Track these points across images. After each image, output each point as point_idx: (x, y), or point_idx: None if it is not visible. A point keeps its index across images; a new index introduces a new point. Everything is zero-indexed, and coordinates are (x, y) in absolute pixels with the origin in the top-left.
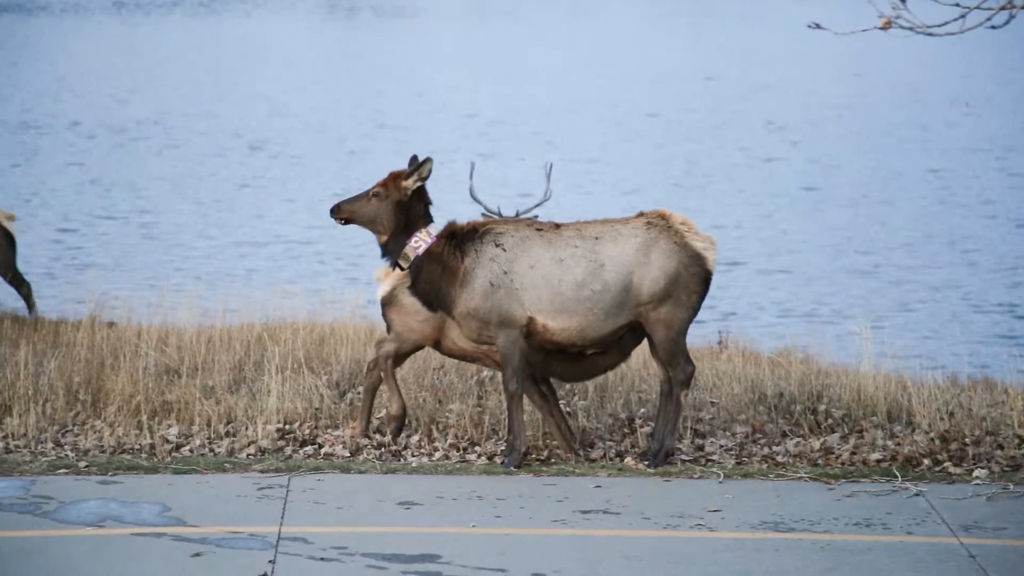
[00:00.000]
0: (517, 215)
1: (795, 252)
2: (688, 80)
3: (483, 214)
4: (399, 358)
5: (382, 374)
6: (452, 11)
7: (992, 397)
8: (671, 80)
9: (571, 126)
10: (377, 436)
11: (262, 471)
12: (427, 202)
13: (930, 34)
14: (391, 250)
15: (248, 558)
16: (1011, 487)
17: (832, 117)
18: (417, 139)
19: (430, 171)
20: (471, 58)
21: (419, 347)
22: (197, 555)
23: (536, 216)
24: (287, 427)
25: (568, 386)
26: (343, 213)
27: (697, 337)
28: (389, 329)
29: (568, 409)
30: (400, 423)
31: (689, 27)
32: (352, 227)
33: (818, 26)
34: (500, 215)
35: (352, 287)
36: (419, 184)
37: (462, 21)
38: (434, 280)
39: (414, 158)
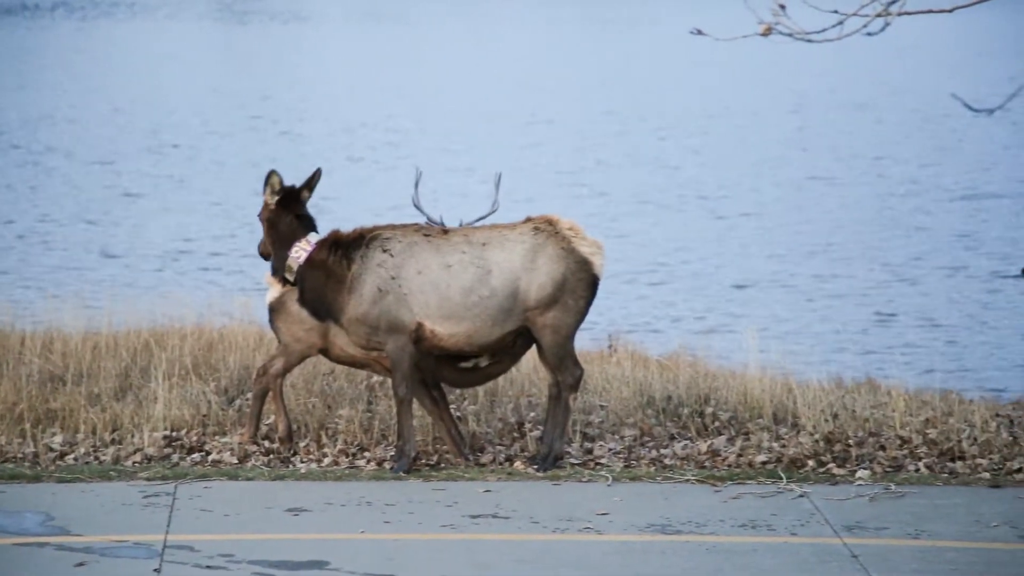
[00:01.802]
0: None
1: (682, 258)
2: (580, 86)
3: (427, 223)
4: (288, 372)
5: (271, 393)
6: (347, 15)
7: (875, 398)
8: (563, 87)
9: (460, 132)
10: (266, 443)
11: (148, 479)
12: (298, 214)
13: (809, 40)
14: (277, 266)
15: (133, 567)
16: (893, 487)
17: (721, 123)
18: (302, 147)
19: (280, 183)
20: (362, 63)
21: (305, 357)
22: (81, 564)
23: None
24: (174, 434)
25: (458, 391)
26: (262, 248)
27: (587, 341)
28: (278, 339)
29: (458, 414)
30: (291, 442)
31: (579, 33)
32: (245, 235)
33: (700, 32)
34: (442, 224)
35: (241, 293)
36: (277, 197)
37: (356, 26)
38: (319, 288)
39: (272, 171)
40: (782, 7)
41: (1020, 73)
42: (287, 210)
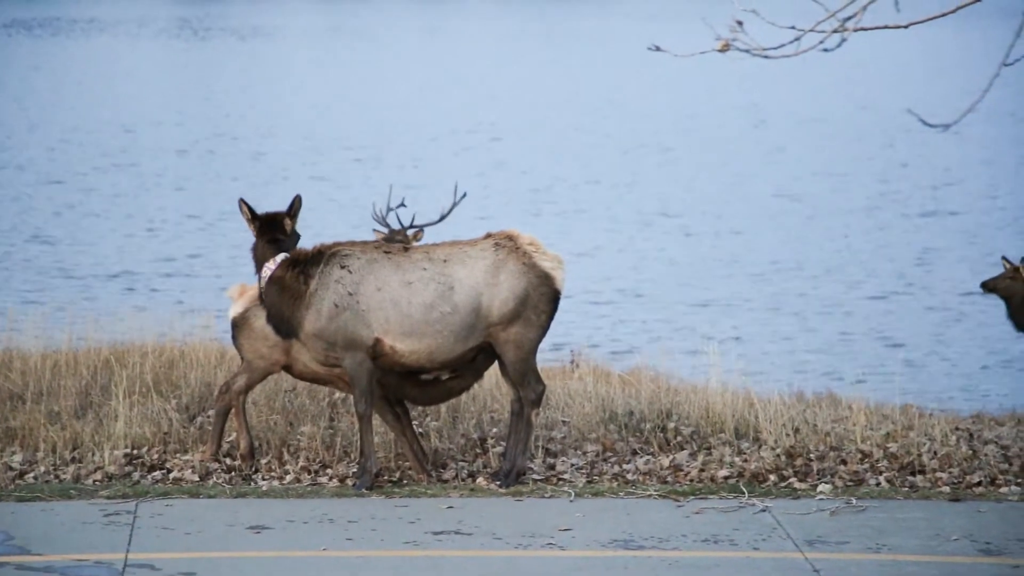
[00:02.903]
0: (403, 229)
1: (644, 273)
2: (545, 103)
3: (375, 231)
4: (250, 389)
5: (233, 411)
6: (308, 31)
7: (836, 413)
8: (527, 103)
9: (417, 149)
10: (227, 460)
11: (109, 497)
12: (278, 237)
13: (766, 56)
14: (258, 284)
15: None
16: (854, 501)
17: (685, 140)
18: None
19: (249, 211)
20: (325, 79)
21: (268, 374)
22: None
23: (421, 231)
24: (135, 452)
25: (421, 407)
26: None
27: (549, 356)
28: (241, 355)
29: (421, 430)
30: (252, 459)
31: (541, 49)
32: (209, 252)
33: (658, 48)
34: (404, 229)
35: (202, 311)
36: (257, 223)
37: (318, 41)
38: (278, 304)
39: (240, 200)
40: (740, 24)
41: (977, 88)
42: (263, 234)
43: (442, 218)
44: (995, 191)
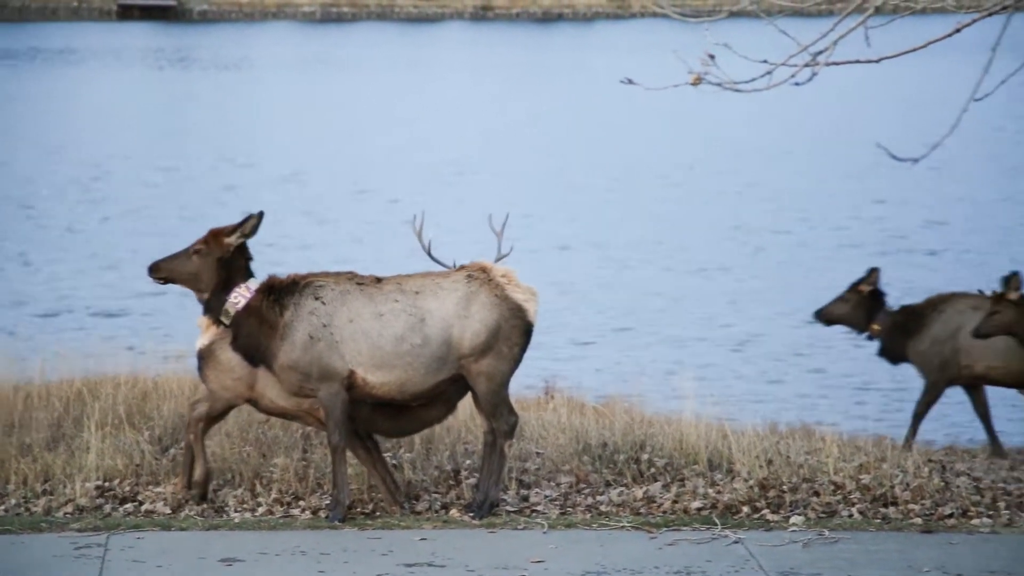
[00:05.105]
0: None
1: (617, 305)
2: (521, 135)
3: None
4: (212, 419)
5: (191, 436)
6: (284, 62)
7: (810, 444)
8: (502, 134)
9: (385, 182)
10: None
11: (80, 530)
12: (248, 258)
13: (738, 90)
14: (212, 307)
15: None
16: (826, 533)
17: (659, 173)
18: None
19: (254, 228)
20: (300, 110)
21: (231, 407)
22: None
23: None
24: (107, 484)
25: (395, 439)
26: (162, 272)
27: (523, 387)
28: (206, 386)
29: (394, 461)
30: (203, 489)
31: (517, 80)
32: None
33: (631, 81)
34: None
35: (174, 341)
36: (242, 241)
37: (295, 72)
38: (254, 334)
39: (253, 216)
40: (712, 57)
41: (946, 123)
42: (240, 254)
43: (502, 256)
44: (974, 227)
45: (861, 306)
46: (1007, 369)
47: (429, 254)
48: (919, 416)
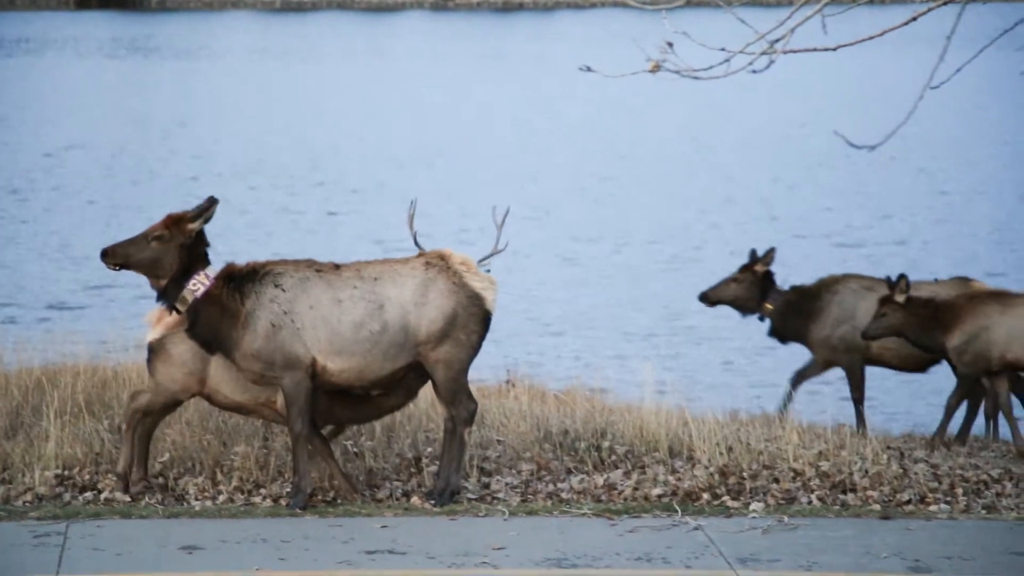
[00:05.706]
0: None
1: (578, 292)
2: (486, 125)
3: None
4: (151, 413)
5: (123, 425)
6: (244, 52)
7: (770, 431)
8: (468, 125)
9: (348, 169)
10: (159, 479)
11: (39, 518)
12: (206, 244)
13: (696, 77)
14: (169, 294)
15: None
16: (786, 519)
17: (624, 162)
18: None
19: (213, 213)
20: (263, 101)
21: (177, 402)
22: None
23: (488, 268)
24: (66, 473)
25: (355, 426)
26: (117, 258)
27: (485, 375)
28: (153, 378)
29: (355, 449)
30: (125, 482)
31: (477, 70)
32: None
33: (589, 69)
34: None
35: (135, 330)
36: (202, 226)
37: (258, 63)
38: (213, 323)
39: (211, 201)
40: (670, 45)
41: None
42: (199, 240)
43: (498, 251)
44: (942, 216)
45: (755, 286)
46: (897, 352)
47: (416, 242)
48: (858, 401)
